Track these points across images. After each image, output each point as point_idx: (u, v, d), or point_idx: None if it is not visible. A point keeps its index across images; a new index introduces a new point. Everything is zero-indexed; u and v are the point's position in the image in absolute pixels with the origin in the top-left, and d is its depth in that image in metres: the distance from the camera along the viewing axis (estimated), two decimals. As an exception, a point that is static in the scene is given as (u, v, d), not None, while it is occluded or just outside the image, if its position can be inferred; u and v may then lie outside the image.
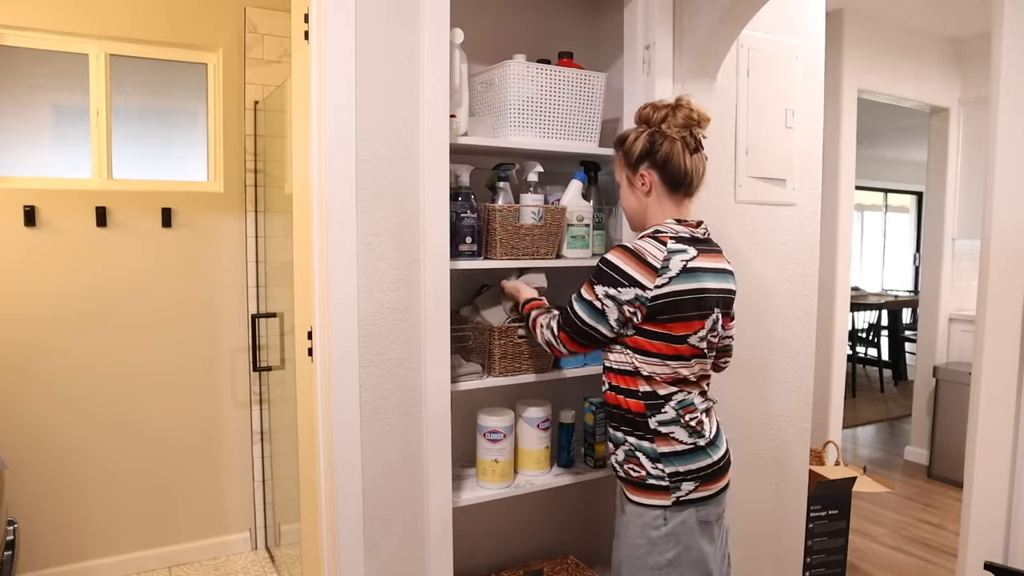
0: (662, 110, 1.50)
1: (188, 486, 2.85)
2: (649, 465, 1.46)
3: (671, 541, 1.45)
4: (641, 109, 1.54)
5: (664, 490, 1.45)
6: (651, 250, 1.42)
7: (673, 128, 1.48)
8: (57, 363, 2.60)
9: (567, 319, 1.52)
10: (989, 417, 1.40)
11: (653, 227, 1.50)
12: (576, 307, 1.50)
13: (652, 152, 1.49)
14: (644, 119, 1.52)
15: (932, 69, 3.92)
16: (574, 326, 1.50)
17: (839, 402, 3.69)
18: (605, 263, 1.45)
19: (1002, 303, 1.37)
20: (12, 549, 1.72)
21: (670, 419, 1.46)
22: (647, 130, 1.51)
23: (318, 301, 1.66)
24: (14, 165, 2.58)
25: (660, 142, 1.48)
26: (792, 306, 2.30)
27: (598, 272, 1.46)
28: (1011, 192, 1.35)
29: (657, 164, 1.49)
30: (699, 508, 1.48)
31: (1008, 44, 1.35)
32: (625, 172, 1.55)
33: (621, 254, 1.44)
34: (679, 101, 1.51)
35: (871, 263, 8.52)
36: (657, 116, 1.50)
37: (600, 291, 1.45)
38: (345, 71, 1.58)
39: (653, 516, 1.46)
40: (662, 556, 1.45)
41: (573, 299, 1.52)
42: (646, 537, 1.46)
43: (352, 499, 1.65)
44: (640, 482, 1.47)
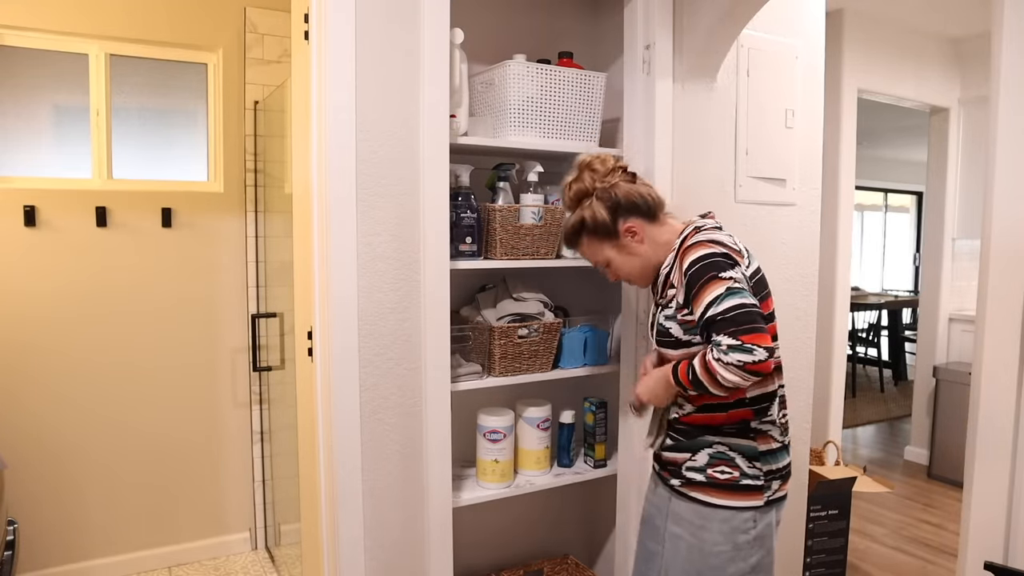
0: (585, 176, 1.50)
1: (188, 486, 2.85)
2: (746, 465, 1.39)
3: (757, 545, 1.39)
4: (569, 192, 1.53)
5: (758, 490, 1.38)
6: (719, 235, 1.37)
7: (605, 179, 1.48)
8: (57, 363, 2.60)
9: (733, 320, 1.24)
10: (989, 417, 1.40)
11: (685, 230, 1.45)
12: (726, 303, 1.26)
13: (617, 206, 1.46)
14: (582, 193, 1.50)
15: (932, 69, 3.92)
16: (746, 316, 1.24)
17: (839, 402, 3.69)
18: (704, 258, 1.32)
19: (1002, 303, 1.37)
20: (12, 549, 1.72)
21: (771, 419, 1.42)
22: (593, 197, 1.48)
23: (318, 301, 1.66)
24: (14, 165, 2.58)
25: (613, 194, 1.46)
26: (792, 306, 2.30)
27: (707, 267, 1.31)
28: (1011, 192, 1.35)
29: (629, 210, 1.46)
30: (779, 509, 1.44)
31: (1008, 44, 1.35)
32: (608, 244, 1.49)
33: (705, 246, 1.35)
34: (583, 162, 1.52)
35: (871, 263, 8.52)
36: (587, 183, 1.49)
37: (727, 275, 1.29)
38: (345, 71, 1.58)
39: (743, 519, 1.38)
40: (746, 562, 1.38)
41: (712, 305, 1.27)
42: (732, 543, 1.38)
43: (352, 499, 1.65)
44: (732, 484, 1.38)
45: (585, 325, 2.05)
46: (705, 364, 1.27)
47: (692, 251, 1.36)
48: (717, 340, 1.26)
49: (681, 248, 1.42)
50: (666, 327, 1.42)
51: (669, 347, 1.44)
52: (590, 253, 1.54)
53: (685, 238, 1.43)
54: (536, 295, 2.02)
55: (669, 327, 1.42)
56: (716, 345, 1.26)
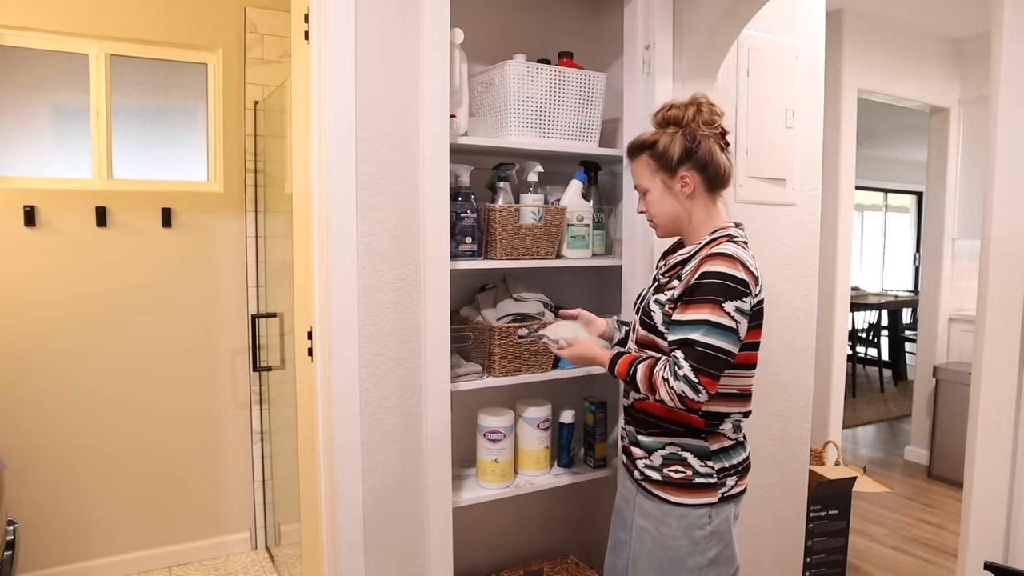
0: (690, 108, 1.44)
1: (188, 486, 2.85)
2: (698, 464, 1.43)
3: (714, 539, 1.43)
4: (666, 111, 1.46)
5: (712, 487, 1.42)
6: (745, 256, 1.36)
7: (704, 127, 1.43)
8: (57, 363, 2.59)
9: (705, 358, 1.29)
10: (989, 417, 1.40)
11: (721, 231, 1.44)
12: (711, 338, 1.29)
13: (692, 152, 1.42)
14: (674, 120, 1.45)
15: (932, 69, 3.92)
16: (714, 361, 1.29)
17: (839, 402, 3.69)
18: (723, 276, 1.31)
19: (1002, 303, 1.37)
20: (12, 549, 1.72)
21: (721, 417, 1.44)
22: (680, 130, 1.43)
23: (318, 301, 1.66)
24: (14, 165, 2.58)
25: (699, 141, 1.42)
26: (792, 306, 2.30)
27: (719, 288, 1.31)
28: (1011, 192, 1.35)
29: (698, 164, 1.42)
30: (736, 503, 1.47)
31: (1008, 44, 1.35)
32: (660, 177, 1.45)
33: (730, 263, 1.33)
34: (697, 100, 1.45)
35: (871, 263, 8.52)
36: (688, 115, 1.43)
37: (730, 307, 1.30)
38: (345, 71, 1.58)
39: (698, 515, 1.42)
40: (704, 556, 1.43)
41: (700, 328, 1.30)
42: (689, 537, 1.42)
43: (352, 499, 1.65)
44: (685, 483, 1.43)
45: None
46: (651, 375, 1.34)
47: (716, 261, 1.34)
48: (679, 362, 1.30)
49: (707, 247, 1.40)
50: (651, 309, 1.45)
51: (643, 327, 1.47)
52: (639, 173, 1.49)
53: (716, 240, 1.41)
54: (536, 295, 2.02)
55: (654, 311, 1.44)
56: (675, 365, 1.31)
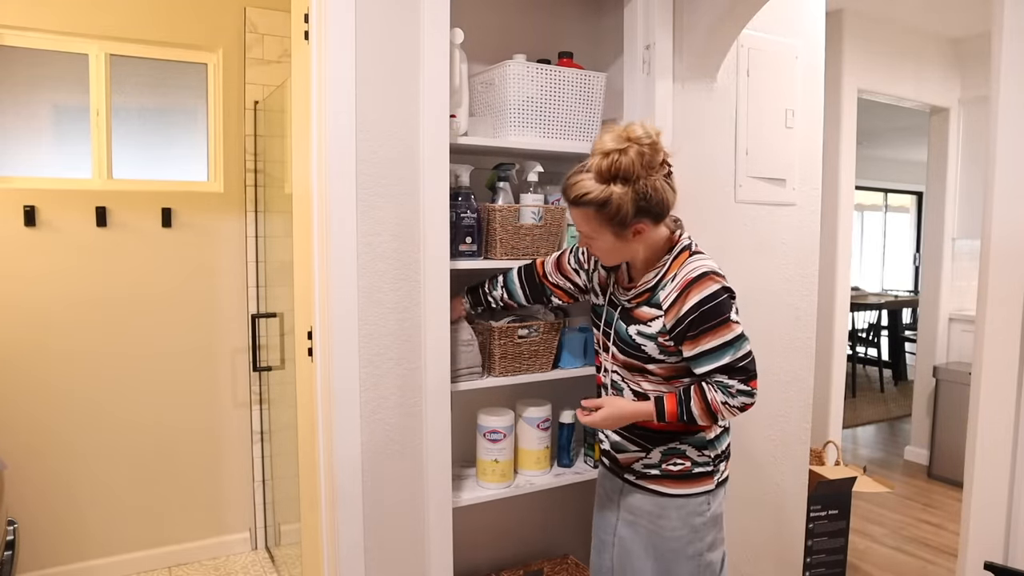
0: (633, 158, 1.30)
1: (188, 486, 2.85)
2: (696, 454, 1.46)
3: (712, 524, 1.47)
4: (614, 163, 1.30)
5: (709, 475, 1.47)
6: (712, 263, 1.40)
7: (650, 170, 1.33)
8: (57, 363, 2.59)
9: (745, 369, 1.36)
10: (989, 417, 1.40)
11: (677, 245, 1.43)
12: (741, 351, 1.36)
13: (646, 208, 1.34)
14: (623, 176, 1.31)
15: (932, 69, 3.92)
16: (752, 364, 1.38)
17: (839, 402, 3.69)
18: (716, 295, 1.34)
19: (1002, 303, 1.37)
20: (12, 549, 1.72)
21: None
22: (630, 187, 1.31)
23: (318, 301, 1.66)
24: (14, 165, 2.58)
25: (649, 194, 1.32)
26: (792, 306, 2.30)
27: (722, 307, 1.34)
28: (1011, 192, 1.35)
29: (650, 213, 1.36)
30: (726, 488, 1.52)
31: (1008, 44, 1.35)
32: (611, 229, 1.36)
33: (713, 279, 1.36)
34: (633, 140, 1.31)
35: (871, 263, 8.52)
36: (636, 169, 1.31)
37: (734, 316, 1.37)
38: (345, 71, 1.58)
39: (698, 503, 1.46)
40: (703, 541, 1.46)
41: (728, 351, 1.35)
42: (689, 526, 1.45)
43: (352, 499, 1.65)
44: (685, 474, 1.46)
45: (585, 325, 2.05)
46: (707, 404, 1.37)
47: (700, 286, 1.34)
48: (725, 384, 1.36)
49: (675, 266, 1.40)
50: (638, 343, 1.43)
51: (633, 358, 1.45)
52: (583, 223, 1.39)
53: (678, 257, 1.41)
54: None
55: (642, 344, 1.42)
56: (723, 388, 1.36)
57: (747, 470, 2.25)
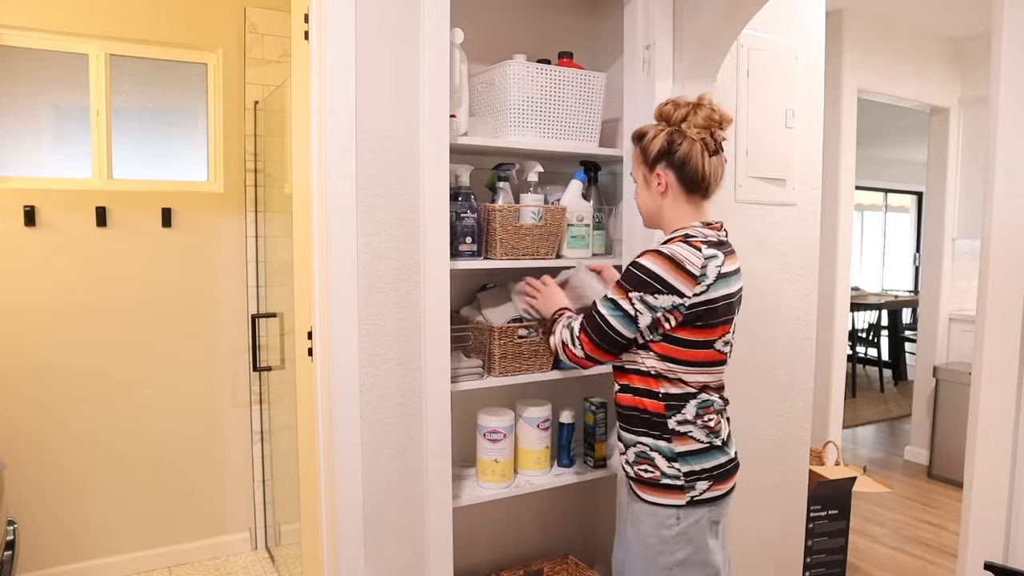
0: (683, 108, 1.44)
1: (188, 486, 2.85)
2: (664, 465, 1.44)
3: (683, 540, 1.44)
4: (662, 105, 1.48)
5: (679, 489, 1.44)
6: (688, 256, 1.37)
7: (693, 128, 1.43)
8: (57, 363, 2.59)
9: (592, 323, 1.45)
10: (989, 417, 1.39)
11: (682, 231, 1.45)
12: (604, 311, 1.43)
13: (670, 152, 1.44)
14: (664, 116, 1.47)
15: (932, 69, 3.92)
16: (600, 330, 1.44)
17: (839, 402, 3.69)
18: (641, 268, 1.38)
19: (1002, 303, 1.37)
20: (12, 549, 1.72)
21: (689, 419, 1.44)
22: (666, 128, 1.45)
23: (318, 301, 1.66)
24: (14, 165, 2.58)
25: (679, 142, 1.43)
26: (792, 306, 2.30)
27: (632, 277, 1.39)
28: (1011, 192, 1.35)
29: (675, 165, 1.44)
30: (712, 508, 1.46)
31: (1008, 44, 1.35)
32: (642, 169, 1.50)
33: (659, 260, 1.37)
34: (700, 100, 1.45)
35: (871, 263, 8.51)
36: (678, 114, 1.44)
37: (635, 296, 1.38)
38: (345, 71, 1.58)
39: (666, 515, 1.44)
40: (673, 556, 1.44)
41: (599, 303, 1.45)
42: (658, 536, 1.45)
43: (352, 499, 1.65)
44: (654, 482, 1.46)
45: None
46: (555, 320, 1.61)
47: (646, 255, 1.41)
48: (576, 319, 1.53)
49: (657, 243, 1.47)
50: None
51: None
52: (632, 161, 1.56)
53: (672, 238, 1.45)
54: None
55: None
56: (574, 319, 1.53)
57: (747, 470, 2.25)
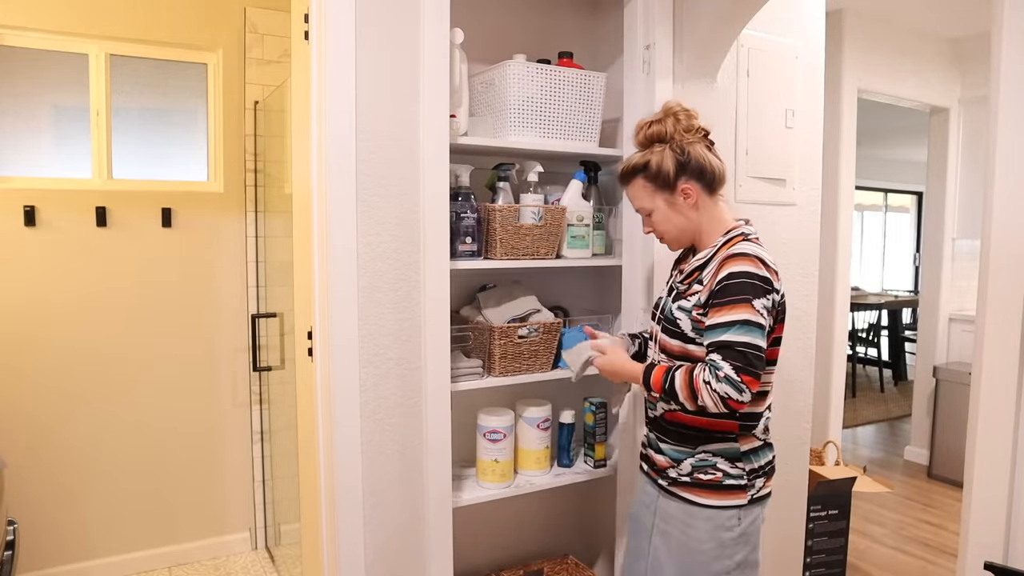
0: (667, 120, 1.45)
1: (188, 486, 2.85)
2: (728, 466, 1.41)
3: (742, 542, 1.41)
4: (647, 129, 1.47)
5: (741, 489, 1.41)
6: (764, 254, 1.37)
7: (687, 135, 1.44)
8: (57, 363, 2.59)
9: (744, 357, 1.27)
10: (989, 417, 1.39)
11: (735, 230, 1.44)
12: (748, 337, 1.28)
13: (686, 164, 1.44)
14: (657, 137, 1.46)
15: (932, 69, 3.92)
16: (755, 359, 1.28)
17: (839, 402, 3.69)
18: (747, 276, 1.32)
19: (1002, 303, 1.37)
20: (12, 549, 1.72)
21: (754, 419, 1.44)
22: (667, 146, 1.45)
23: (318, 301, 1.66)
24: (14, 165, 2.58)
25: (688, 152, 1.43)
26: (792, 306, 2.30)
27: (745, 287, 1.31)
28: (1011, 192, 1.35)
29: (695, 173, 1.44)
30: (763, 506, 1.46)
31: (1008, 44, 1.35)
32: (662, 195, 1.46)
33: (752, 262, 1.34)
34: (670, 109, 1.46)
35: (871, 263, 8.51)
36: (668, 128, 1.45)
37: (759, 305, 1.31)
38: (345, 71, 1.58)
39: (727, 517, 1.40)
40: (731, 559, 1.41)
41: (735, 329, 1.29)
42: (716, 540, 1.40)
43: (352, 499, 1.65)
44: (715, 484, 1.41)
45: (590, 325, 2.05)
46: (691, 381, 1.31)
47: (737, 261, 1.34)
48: (717, 364, 1.28)
49: (724, 248, 1.41)
50: (676, 317, 1.43)
51: (670, 336, 1.46)
52: (637, 197, 1.50)
53: (731, 240, 1.42)
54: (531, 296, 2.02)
55: (679, 318, 1.43)
56: (713, 368, 1.28)
57: (747, 470, 2.25)
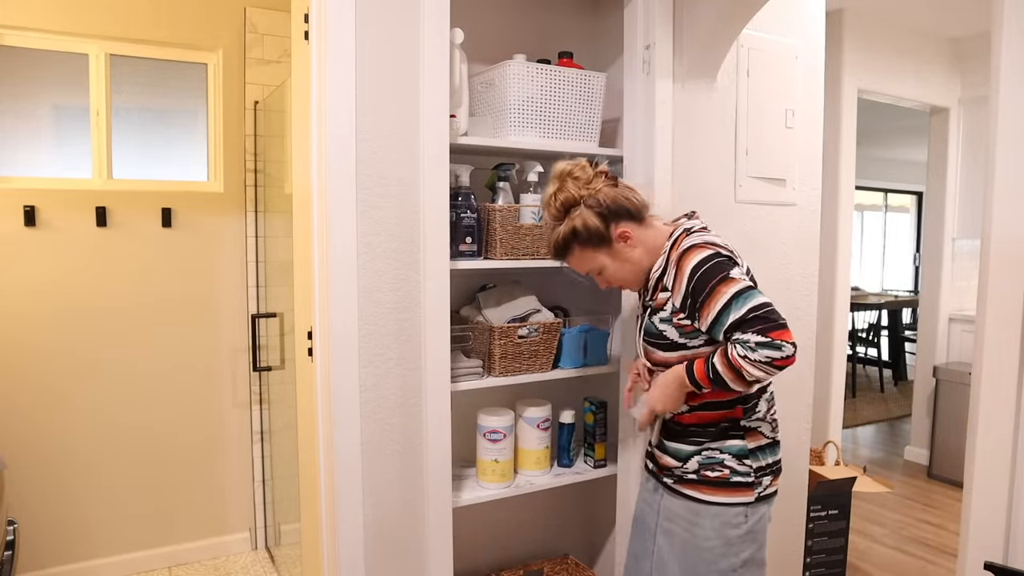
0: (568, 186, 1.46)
1: (188, 486, 2.85)
2: (735, 463, 1.43)
3: (749, 539, 1.43)
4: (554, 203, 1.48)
5: (748, 486, 1.42)
6: (711, 238, 1.40)
7: (587, 187, 1.46)
8: (57, 363, 2.59)
9: (759, 319, 1.28)
10: (989, 417, 1.39)
11: (674, 232, 1.47)
12: (748, 303, 1.30)
13: (608, 213, 1.45)
14: (571, 202, 1.46)
15: (932, 69, 3.92)
16: (770, 315, 1.29)
17: (839, 402, 3.69)
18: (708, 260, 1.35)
19: (1002, 303, 1.37)
20: (12, 549, 1.72)
21: (761, 415, 1.46)
22: (581, 206, 1.45)
23: (318, 301, 1.66)
24: (14, 165, 2.58)
25: (601, 201, 1.44)
26: (792, 306, 2.30)
27: (715, 268, 1.34)
28: (1011, 192, 1.35)
29: (620, 216, 1.46)
30: (770, 504, 1.47)
31: (1008, 44, 1.35)
32: (602, 252, 1.48)
33: (703, 248, 1.37)
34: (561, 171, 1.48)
35: (871, 263, 8.52)
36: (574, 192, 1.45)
37: (737, 273, 1.33)
38: (345, 71, 1.58)
39: (734, 514, 1.42)
40: (738, 557, 1.42)
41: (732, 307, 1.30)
42: (723, 537, 1.42)
43: (352, 499, 1.65)
44: (722, 481, 1.43)
45: (585, 325, 2.05)
46: (729, 361, 1.30)
47: (691, 255, 1.37)
48: (743, 338, 1.29)
49: (673, 251, 1.44)
50: (660, 330, 1.44)
51: (663, 350, 1.45)
52: (581, 263, 1.51)
53: (677, 241, 1.45)
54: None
55: (664, 330, 1.43)
56: (742, 343, 1.29)
57: (747, 470, 2.25)
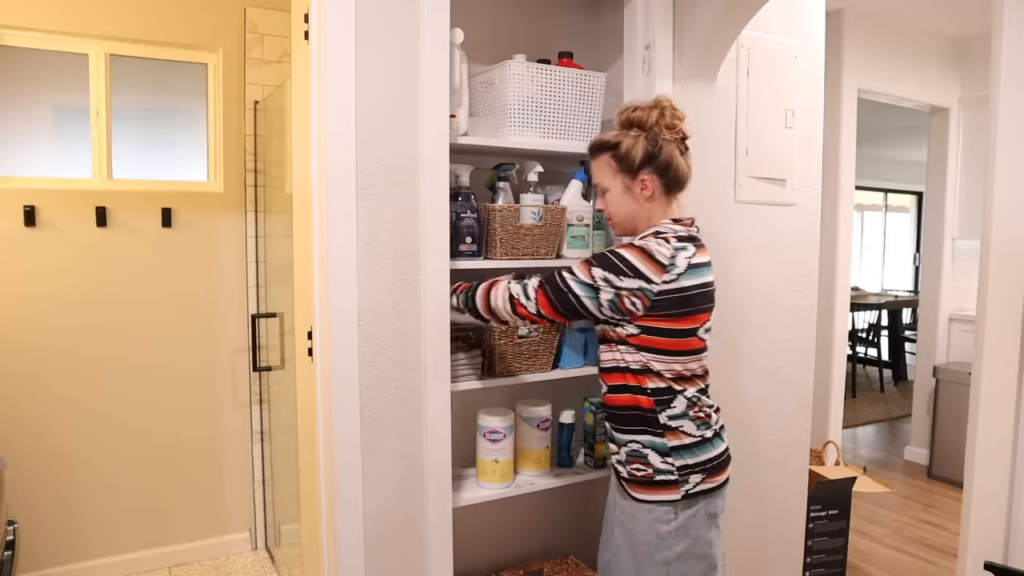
0: (653, 111, 1.48)
1: (188, 486, 2.85)
2: (658, 461, 1.46)
3: (680, 534, 1.46)
4: (630, 112, 1.50)
5: (673, 484, 1.46)
6: (658, 248, 1.43)
7: (665, 131, 1.47)
8: (57, 363, 2.60)
9: (553, 284, 1.48)
10: (989, 417, 1.40)
11: (652, 228, 1.50)
12: (567, 277, 1.46)
13: (654, 157, 1.47)
14: (637, 122, 1.49)
15: (932, 69, 3.92)
16: (560, 292, 1.47)
17: (839, 402, 3.69)
18: (612, 254, 1.44)
19: (1002, 303, 1.37)
20: (12, 549, 1.72)
21: (679, 413, 1.47)
22: (642, 135, 1.48)
23: (318, 301, 1.66)
24: (14, 165, 2.58)
25: (660, 146, 1.47)
26: (792, 306, 2.30)
27: (601, 258, 1.44)
28: (1011, 192, 1.35)
29: (659, 169, 1.48)
30: (708, 501, 1.49)
31: (1008, 44, 1.35)
32: (621, 178, 1.51)
33: (630, 249, 1.44)
34: (660, 102, 1.49)
35: (871, 263, 8.52)
36: (651, 119, 1.47)
37: (598, 273, 1.43)
38: (345, 71, 1.58)
39: (663, 512, 1.46)
40: (671, 551, 1.46)
41: (563, 271, 1.48)
42: (655, 533, 1.46)
43: (352, 499, 1.65)
44: (647, 480, 1.47)
45: (586, 325, 2.05)
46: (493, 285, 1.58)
47: (621, 247, 1.46)
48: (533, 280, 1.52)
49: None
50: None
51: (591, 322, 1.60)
52: (599, 172, 1.55)
53: (645, 236, 1.49)
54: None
55: None
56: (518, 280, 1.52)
57: (747, 470, 2.25)
